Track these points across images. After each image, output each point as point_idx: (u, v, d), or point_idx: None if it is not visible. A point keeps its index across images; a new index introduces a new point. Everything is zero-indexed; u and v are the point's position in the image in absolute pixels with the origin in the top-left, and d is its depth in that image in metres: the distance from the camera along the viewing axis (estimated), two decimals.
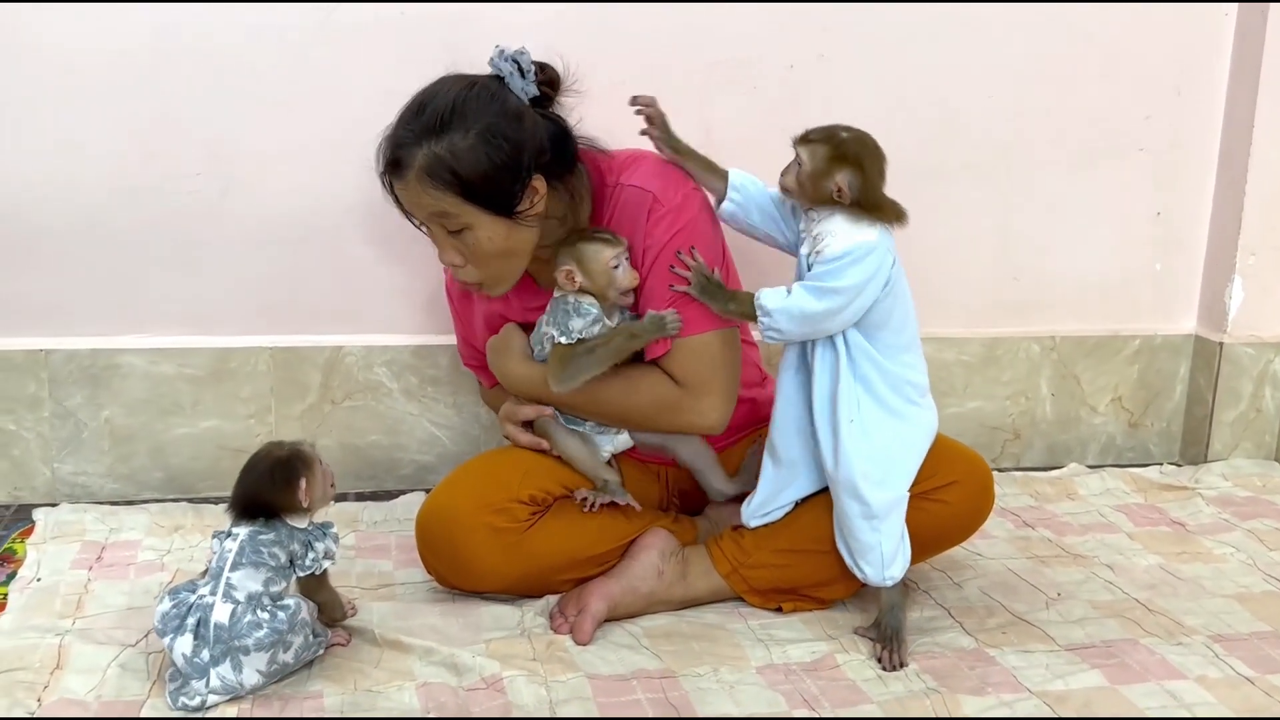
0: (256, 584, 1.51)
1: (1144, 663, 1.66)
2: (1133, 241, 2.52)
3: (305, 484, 1.56)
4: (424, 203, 1.66)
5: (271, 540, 1.54)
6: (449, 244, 1.69)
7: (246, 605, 1.49)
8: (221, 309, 2.21)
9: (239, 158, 2.13)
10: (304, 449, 1.60)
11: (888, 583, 1.68)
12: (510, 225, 1.67)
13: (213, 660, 1.47)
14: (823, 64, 2.27)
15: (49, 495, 2.19)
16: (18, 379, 2.14)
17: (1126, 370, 2.56)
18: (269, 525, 1.55)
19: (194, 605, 1.50)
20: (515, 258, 1.72)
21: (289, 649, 1.52)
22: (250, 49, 2.09)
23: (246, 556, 1.52)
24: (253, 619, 1.48)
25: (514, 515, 1.72)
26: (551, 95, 1.73)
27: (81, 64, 2.05)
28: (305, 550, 1.57)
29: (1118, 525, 2.19)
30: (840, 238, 1.61)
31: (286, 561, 1.55)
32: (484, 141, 1.62)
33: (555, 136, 1.70)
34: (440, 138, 1.62)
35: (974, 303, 2.49)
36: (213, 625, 1.47)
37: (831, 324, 1.63)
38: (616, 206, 1.76)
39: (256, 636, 1.48)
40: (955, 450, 1.79)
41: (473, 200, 1.64)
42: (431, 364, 2.27)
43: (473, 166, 1.62)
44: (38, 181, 2.08)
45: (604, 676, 1.59)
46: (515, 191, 1.65)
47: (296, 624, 1.52)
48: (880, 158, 1.64)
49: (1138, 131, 2.45)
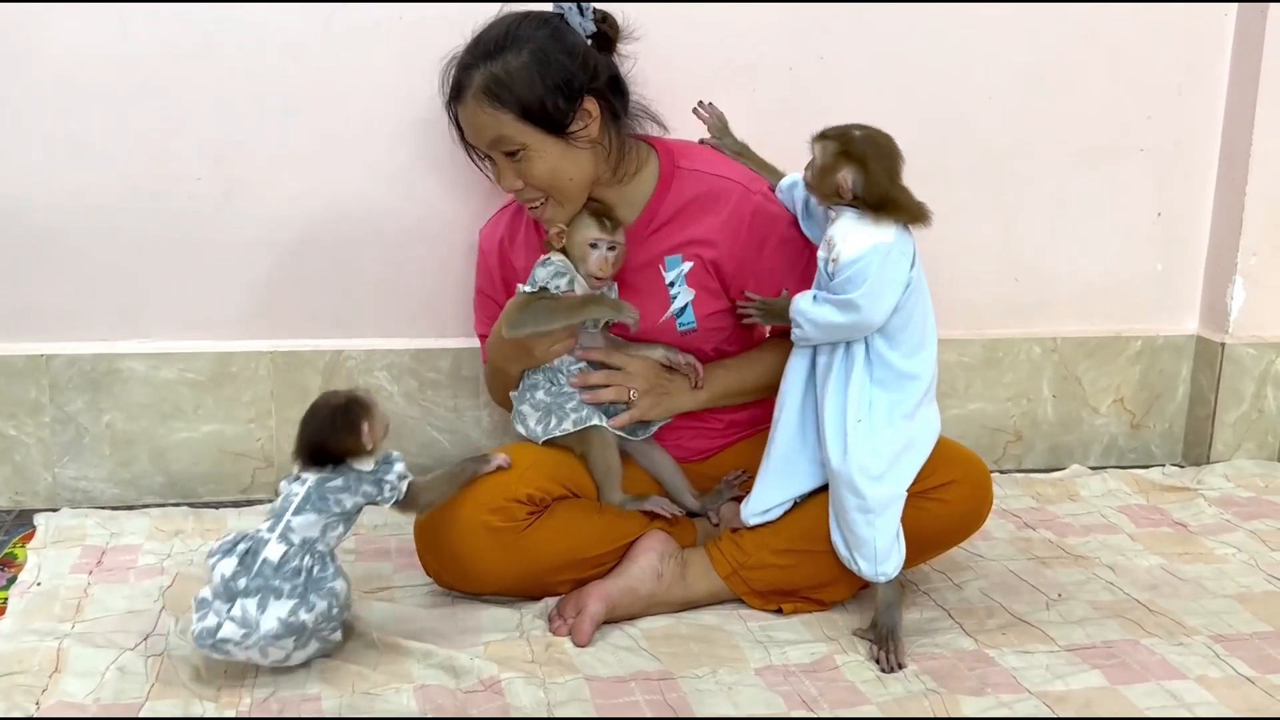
0: (314, 530, 1.57)
1: (1144, 663, 1.66)
2: (1134, 242, 2.52)
3: (368, 426, 1.61)
4: (483, 123, 1.75)
5: (340, 487, 1.59)
6: (508, 168, 1.78)
7: (299, 549, 1.54)
8: (222, 313, 2.21)
9: (241, 162, 2.14)
10: (360, 394, 1.65)
11: (881, 579, 1.68)
12: (564, 146, 1.76)
13: (245, 591, 1.51)
14: (823, 65, 2.27)
15: (50, 500, 2.19)
16: (19, 384, 2.15)
17: (1128, 371, 2.56)
18: (337, 471, 1.60)
19: (249, 535, 1.56)
20: (573, 183, 1.79)
21: (311, 610, 1.53)
22: (253, 53, 2.09)
23: (312, 503, 1.57)
24: (298, 564, 1.53)
25: (512, 515, 1.72)
26: (610, 38, 1.83)
27: (85, 68, 2.05)
28: (378, 488, 1.61)
29: (1119, 526, 2.19)
30: (851, 241, 1.63)
31: (353, 509, 1.60)
32: (536, 60, 1.72)
33: (610, 72, 1.81)
34: (496, 59, 1.73)
35: (975, 304, 2.48)
36: (261, 559, 1.52)
37: (856, 332, 1.66)
38: (689, 184, 1.84)
39: (295, 583, 1.52)
40: (954, 450, 1.79)
41: (527, 119, 1.73)
42: (431, 368, 2.27)
43: (526, 83, 1.72)
44: (40, 185, 2.09)
45: (603, 678, 1.59)
46: (567, 110, 1.74)
47: (330, 592, 1.55)
48: (890, 157, 1.66)
49: (1139, 132, 2.45)
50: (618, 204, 1.85)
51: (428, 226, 2.19)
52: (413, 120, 2.14)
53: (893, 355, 1.67)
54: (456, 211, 2.14)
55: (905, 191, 1.67)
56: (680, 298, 1.85)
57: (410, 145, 2.15)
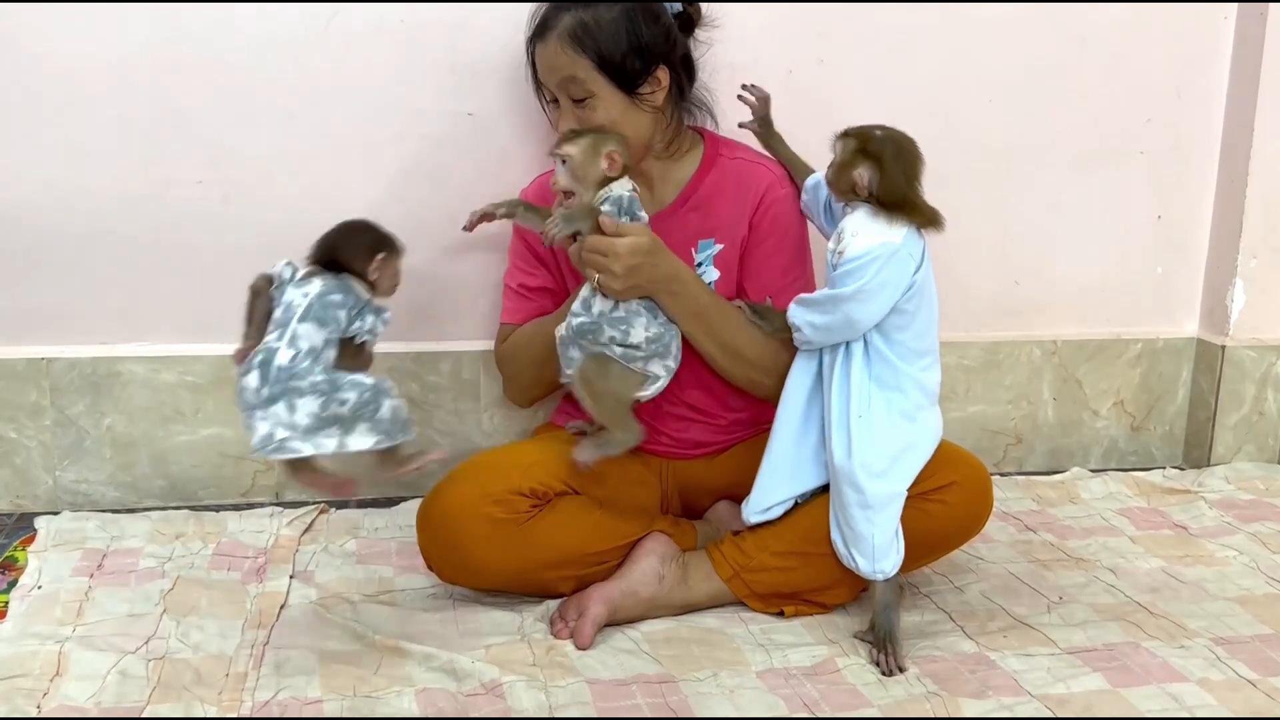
0: (319, 339, 1.58)
1: (1146, 666, 1.66)
2: (1134, 245, 2.52)
3: (381, 260, 1.65)
4: (559, 64, 1.79)
5: (339, 302, 1.61)
6: (571, 112, 1.81)
7: (307, 354, 1.56)
8: (222, 316, 2.17)
9: (240, 166, 2.14)
10: (398, 241, 1.70)
11: (878, 576, 1.68)
12: (629, 104, 1.80)
13: (270, 399, 1.54)
14: (822, 69, 2.27)
15: (51, 503, 2.19)
16: (20, 387, 2.15)
17: (1128, 374, 2.56)
18: (339, 285, 1.63)
19: (263, 347, 1.58)
20: (627, 140, 1.79)
21: (344, 405, 1.54)
22: (252, 57, 2.09)
23: (314, 313, 1.59)
24: (308, 365, 1.55)
25: (514, 507, 1.72)
26: (693, 20, 1.89)
27: (83, 72, 2.05)
28: (374, 315, 1.64)
29: (1120, 529, 2.19)
30: (861, 237, 1.65)
31: (344, 326, 1.61)
32: (625, 17, 1.78)
33: (685, 50, 1.88)
34: (589, 6, 1.78)
35: (975, 307, 2.48)
36: (274, 366, 1.55)
37: (853, 331, 1.67)
38: (729, 171, 1.91)
39: (312, 380, 1.54)
40: (954, 453, 1.79)
41: (602, 68, 1.77)
42: (433, 371, 2.27)
43: (611, 36, 1.77)
44: (40, 189, 2.09)
45: (604, 681, 1.59)
46: (641, 71, 1.79)
47: (352, 384, 1.56)
48: (909, 159, 1.68)
49: (1138, 134, 2.45)
50: (660, 179, 1.91)
51: (428, 230, 2.19)
52: (412, 125, 2.14)
53: (891, 354, 1.68)
54: (456, 216, 2.13)
55: (919, 192, 1.69)
56: (705, 277, 1.87)
57: (410, 149, 2.16)
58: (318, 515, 2.14)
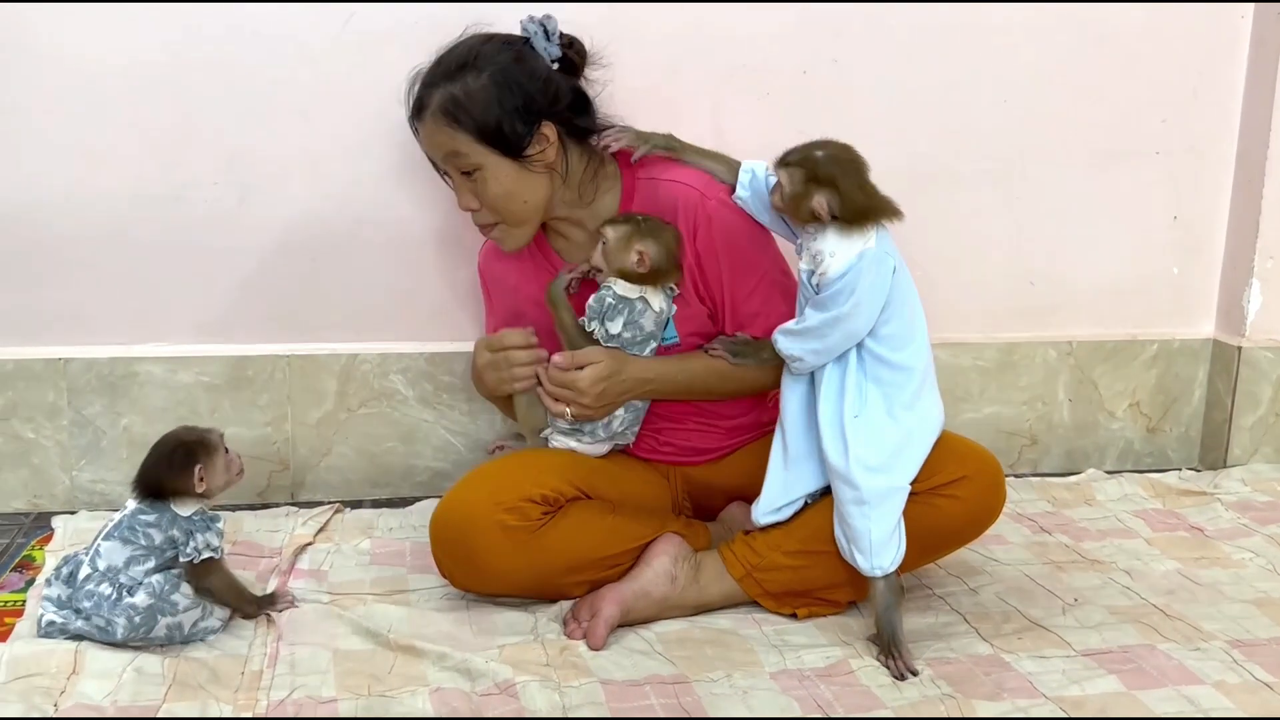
0: (118, 559, 1.61)
1: (1161, 668, 1.65)
2: (1150, 245, 2.51)
3: (202, 469, 1.65)
4: (440, 142, 1.78)
5: (150, 522, 1.63)
6: (464, 186, 1.80)
7: (100, 575, 1.61)
8: (239, 317, 2.22)
9: (256, 167, 2.15)
10: (210, 437, 1.69)
11: (876, 572, 1.67)
12: (519, 169, 1.77)
13: (59, 603, 1.63)
14: (836, 68, 2.27)
15: (68, 503, 2.20)
16: (37, 388, 2.16)
17: (1144, 375, 2.55)
18: (154, 507, 1.64)
19: (73, 557, 1.68)
20: (526, 206, 1.80)
21: (112, 627, 1.59)
22: (267, 59, 2.11)
23: (121, 531, 1.63)
24: (92, 588, 1.60)
25: (526, 514, 1.72)
26: (576, 63, 1.84)
27: (100, 74, 2.07)
28: (186, 538, 1.63)
29: (1136, 530, 2.18)
30: (839, 256, 1.65)
31: (165, 545, 1.63)
32: (495, 83, 1.74)
33: (573, 96, 1.81)
34: (456, 80, 1.75)
35: (990, 308, 2.48)
36: (78, 578, 1.63)
37: (852, 343, 1.68)
38: (650, 195, 1.83)
39: (86, 605, 1.60)
40: (964, 446, 1.78)
41: (484, 140, 1.75)
42: (446, 371, 2.28)
43: (483, 105, 1.73)
44: (56, 191, 2.10)
45: (617, 682, 1.59)
46: (524, 134, 1.75)
47: (126, 608, 1.59)
48: (858, 169, 1.67)
49: (1154, 135, 2.44)
50: (586, 222, 1.88)
51: (442, 231, 2.20)
52: None
53: (881, 349, 1.68)
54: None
55: (874, 191, 1.68)
56: (663, 314, 1.83)
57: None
58: (333, 515, 2.15)
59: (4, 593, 1.83)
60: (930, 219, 2.37)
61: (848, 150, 1.69)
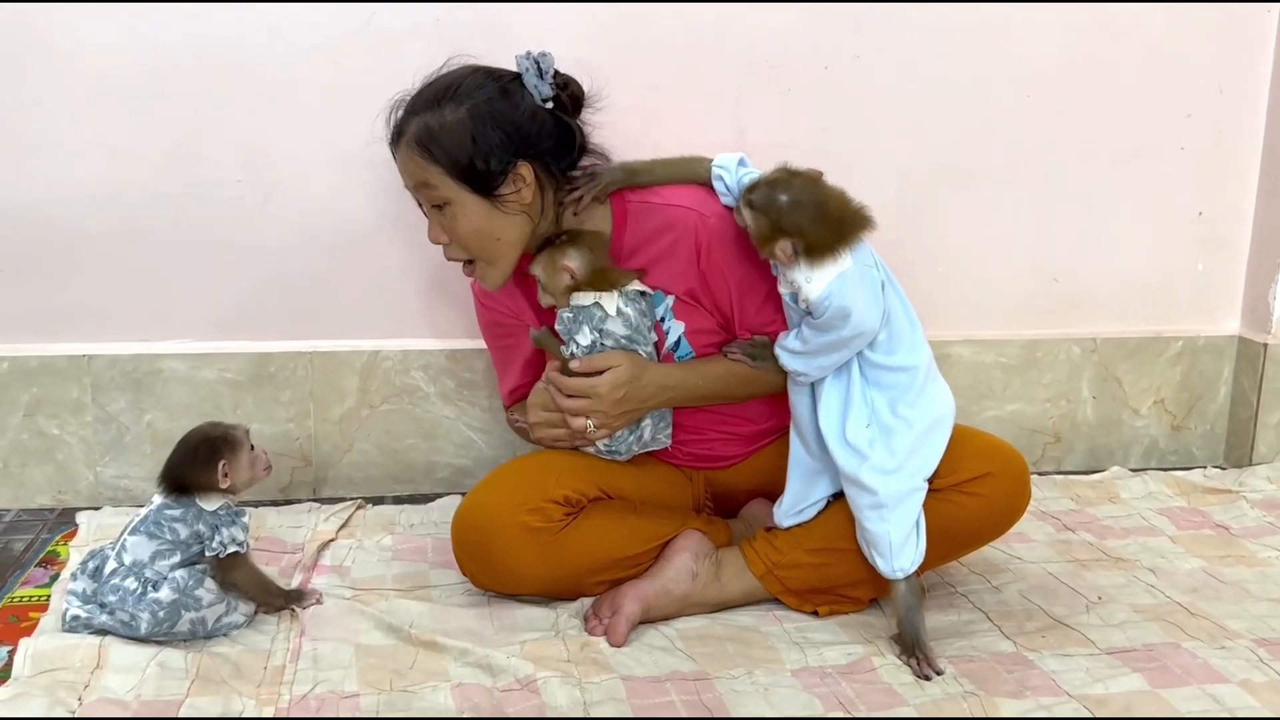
0: (144, 554, 1.63)
1: (1186, 666, 1.64)
2: (1174, 242, 2.49)
3: (226, 465, 1.66)
4: (411, 171, 1.73)
5: (176, 517, 1.64)
6: (434, 219, 1.75)
7: (126, 570, 1.62)
8: (261, 314, 2.23)
9: (278, 165, 2.16)
10: (235, 432, 1.70)
11: (897, 574, 1.67)
12: (489, 208, 1.71)
13: (84, 597, 1.65)
14: (858, 65, 2.26)
15: (92, 499, 2.22)
16: (61, 384, 2.18)
17: (1169, 372, 2.53)
18: (179, 502, 1.65)
19: (99, 552, 1.70)
20: (498, 244, 1.75)
21: (136, 622, 1.60)
22: (289, 57, 2.11)
23: (147, 526, 1.64)
24: (117, 582, 1.62)
25: (548, 515, 1.72)
26: (569, 105, 1.75)
27: (122, 72, 2.08)
28: (212, 533, 1.64)
29: (1160, 529, 2.16)
30: (816, 281, 1.63)
31: (191, 539, 1.64)
32: (472, 118, 1.68)
33: (560, 135, 1.74)
34: (434, 111, 1.69)
35: (1013, 304, 2.47)
36: (104, 572, 1.64)
37: (849, 354, 1.68)
38: (644, 217, 1.77)
39: (111, 600, 1.61)
40: (988, 443, 1.77)
41: (454, 175, 1.69)
42: (467, 368, 2.28)
43: (457, 140, 1.68)
44: (81, 188, 2.12)
45: (638, 678, 1.59)
46: (498, 174, 1.69)
47: (150, 603, 1.60)
48: (822, 207, 1.62)
49: (1179, 130, 2.42)
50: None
51: None
52: None
53: (878, 356, 1.68)
54: None
55: (841, 220, 1.63)
56: (673, 331, 1.82)
57: None
58: (355, 511, 2.15)
59: (29, 587, 1.84)
60: (952, 215, 2.37)
61: (812, 188, 1.63)
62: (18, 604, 1.78)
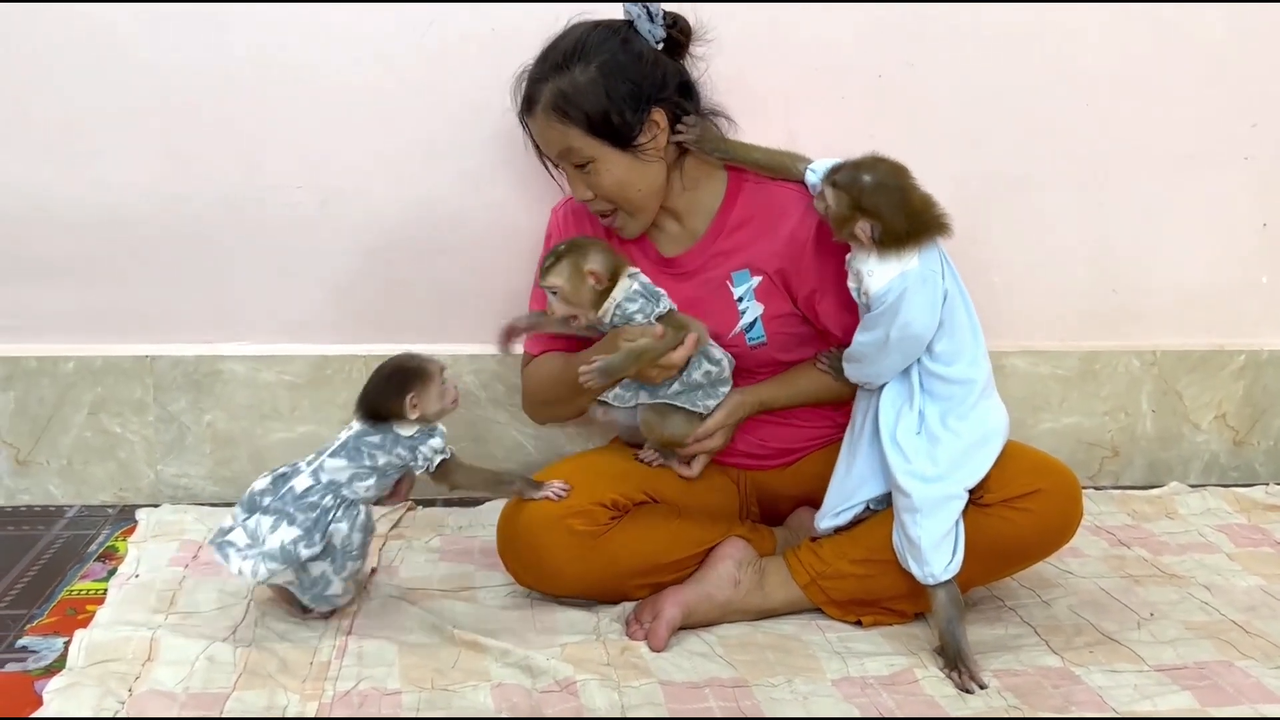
0: (343, 475, 1.68)
1: (1238, 685, 1.60)
2: (1238, 252, 2.44)
3: (414, 396, 1.70)
4: (551, 138, 1.77)
5: (375, 444, 1.69)
6: (578, 179, 1.80)
7: (323, 488, 1.67)
8: (319, 317, 2.27)
9: (337, 172, 2.19)
10: (429, 366, 1.74)
11: (929, 580, 1.65)
12: (631, 159, 1.76)
13: (265, 509, 1.66)
14: (912, 72, 2.25)
15: (152, 496, 2.27)
16: (125, 384, 2.23)
17: (1231, 386, 2.48)
18: (377, 428, 1.70)
19: (292, 465, 1.72)
20: (639, 194, 1.79)
21: (312, 546, 1.64)
22: (349, 65, 2.15)
23: (347, 450, 1.69)
24: (316, 499, 1.66)
25: (594, 518, 1.73)
26: (682, 42, 1.81)
27: (187, 79, 2.13)
28: (412, 454, 1.69)
29: (1218, 545, 2.12)
30: (878, 275, 1.65)
31: (388, 467, 1.70)
32: (603, 75, 1.73)
33: (680, 79, 1.80)
34: (564, 73, 1.74)
35: (1070, 315, 2.43)
36: (289, 485, 1.67)
37: (907, 362, 1.69)
38: (755, 195, 1.84)
39: (309, 515, 1.65)
40: (1040, 459, 1.75)
41: (594, 132, 1.74)
42: (518, 373, 2.28)
43: (592, 99, 1.72)
44: (146, 193, 2.17)
45: (677, 683, 1.59)
46: (634, 124, 1.74)
47: (336, 534, 1.66)
48: (904, 195, 1.65)
49: (1243, 139, 2.37)
50: (688, 211, 1.87)
51: (516, 234, 2.22)
52: (500, 130, 2.16)
53: (936, 366, 1.68)
54: (543, 219, 2.16)
55: (920, 214, 1.65)
56: (750, 312, 1.84)
57: (498, 154, 2.18)
58: (405, 513, 2.18)
59: (87, 581, 1.89)
60: (1009, 225, 2.34)
61: (897, 174, 1.67)
62: (76, 597, 1.83)
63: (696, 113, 1.82)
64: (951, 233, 1.67)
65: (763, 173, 1.84)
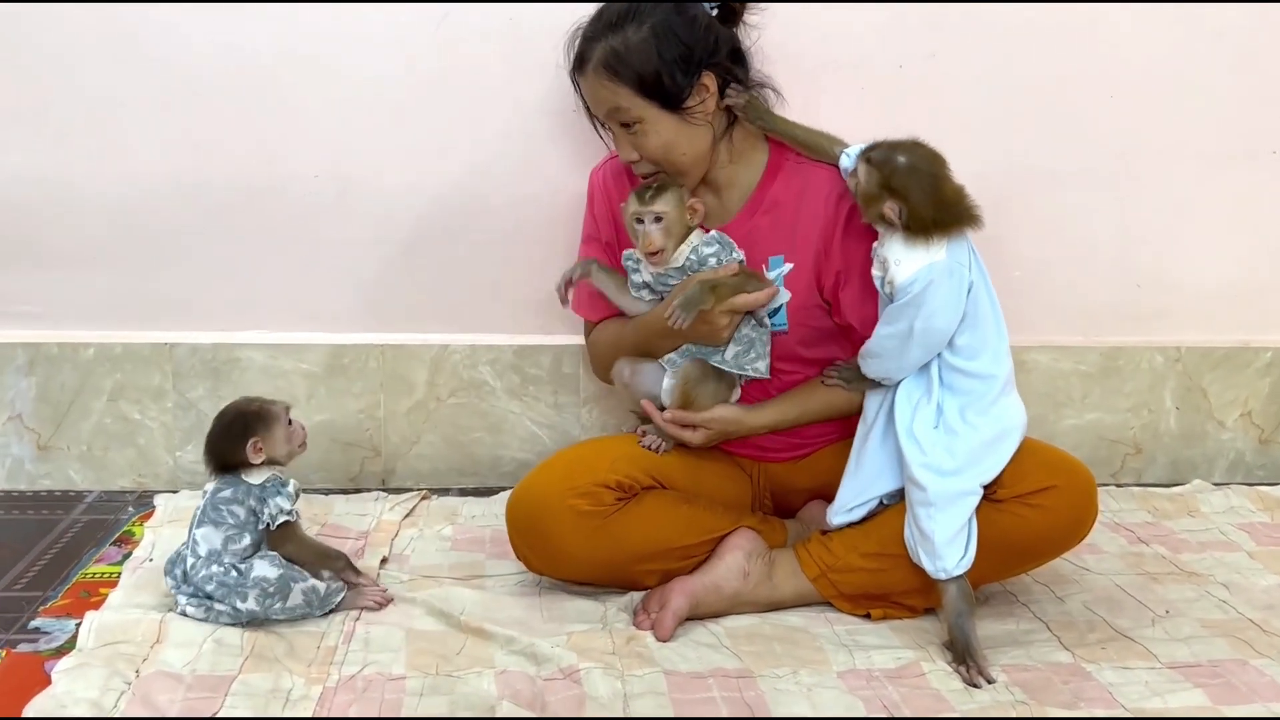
0: (216, 541, 1.65)
1: (1252, 684, 1.58)
2: (1264, 248, 2.40)
3: (258, 440, 1.68)
4: (601, 96, 1.78)
5: (229, 498, 1.66)
6: (625, 139, 1.80)
7: (205, 560, 1.64)
8: (336, 306, 2.28)
9: (355, 162, 2.20)
10: (270, 406, 1.71)
11: (941, 575, 1.64)
12: (680, 122, 1.77)
13: (189, 595, 1.65)
14: (934, 63, 2.23)
15: (171, 483, 2.29)
16: (144, 371, 2.25)
17: (1257, 383, 2.44)
18: (227, 482, 1.67)
19: (177, 551, 1.70)
20: (684, 158, 1.79)
21: (245, 601, 1.63)
22: (366, 57, 2.16)
23: (208, 515, 1.67)
24: (207, 573, 1.64)
25: (600, 499, 1.72)
26: (737, 9, 1.83)
27: (210, 72, 2.14)
28: (261, 506, 1.67)
29: (1239, 544, 2.08)
30: (905, 264, 1.64)
31: (249, 517, 1.67)
32: (655, 35, 1.73)
33: (732, 45, 1.81)
34: (617, 32, 1.75)
35: (1094, 310, 2.40)
36: (191, 574, 1.65)
37: (928, 356, 1.68)
38: (795, 174, 1.84)
39: (209, 589, 1.63)
40: (1055, 456, 1.73)
41: (644, 93, 1.74)
42: (533, 364, 2.30)
43: (644, 59, 1.73)
44: (166, 183, 2.19)
45: (681, 673, 1.59)
46: (684, 86, 1.75)
47: (256, 582, 1.63)
48: (934, 183, 1.64)
49: (1271, 134, 2.33)
50: (726, 185, 1.87)
51: (532, 225, 2.22)
52: (517, 122, 2.18)
53: (958, 360, 1.67)
54: (559, 210, 2.16)
55: (951, 204, 1.64)
56: (778, 298, 1.84)
57: (515, 146, 2.19)
58: (419, 502, 2.19)
59: (102, 564, 1.91)
60: (1031, 218, 2.32)
61: (932, 161, 1.66)
62: (90, 580, 1.85)
63: (746, 80, 1.83)
64: (982, 224, 1.66)
65: (802, 151, 1.84)
